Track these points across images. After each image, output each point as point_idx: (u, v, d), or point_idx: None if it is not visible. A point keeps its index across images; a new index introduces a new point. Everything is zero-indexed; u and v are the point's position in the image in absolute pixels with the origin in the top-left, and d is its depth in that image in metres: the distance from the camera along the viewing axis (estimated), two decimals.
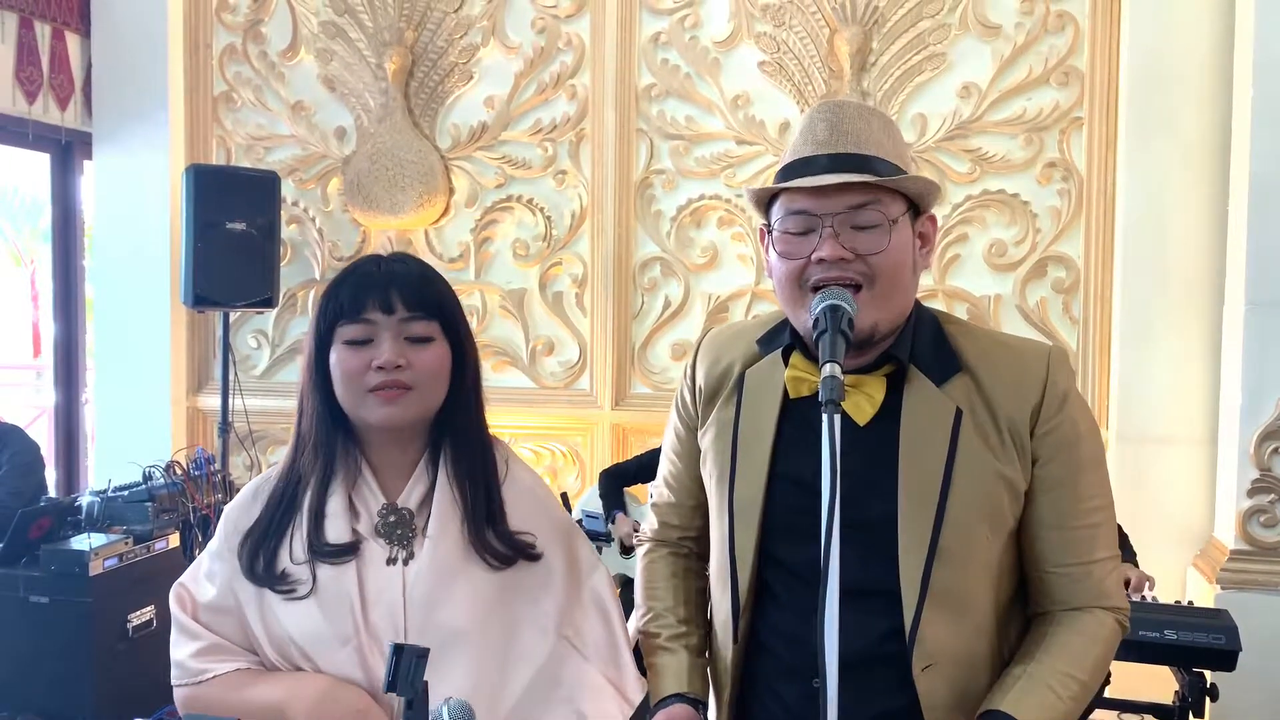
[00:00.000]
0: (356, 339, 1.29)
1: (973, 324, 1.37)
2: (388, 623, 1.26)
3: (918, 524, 1.21)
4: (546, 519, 1.37)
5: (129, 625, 3.15)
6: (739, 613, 1.30)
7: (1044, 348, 1.29)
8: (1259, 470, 3.26)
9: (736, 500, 1.31)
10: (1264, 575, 3.22)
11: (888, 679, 1.21)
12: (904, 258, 1.24)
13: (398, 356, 1.27)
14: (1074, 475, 1.25)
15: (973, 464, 1.22)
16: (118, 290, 4.45)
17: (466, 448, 1.34)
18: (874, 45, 3.83)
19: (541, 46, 4.13)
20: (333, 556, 1.27)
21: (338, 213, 4.37)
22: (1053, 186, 3.75)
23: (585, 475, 4.13)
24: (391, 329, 1.29)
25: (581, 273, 4.15)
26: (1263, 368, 3.25)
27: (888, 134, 1.26)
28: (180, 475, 3.60)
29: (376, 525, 1.30)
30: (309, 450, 1.32)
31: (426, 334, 1.30)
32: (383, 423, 1.29)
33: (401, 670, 0.98)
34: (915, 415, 1.24)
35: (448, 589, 1.27)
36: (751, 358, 1.36)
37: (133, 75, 4.36)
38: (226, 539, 1.34)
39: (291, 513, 1.31)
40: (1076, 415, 1.26)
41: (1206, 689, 2.31)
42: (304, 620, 1.26)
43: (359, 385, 1.28)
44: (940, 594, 1.20)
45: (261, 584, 1.28)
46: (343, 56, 4.31)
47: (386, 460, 1.34)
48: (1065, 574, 1.26)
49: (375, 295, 1.29)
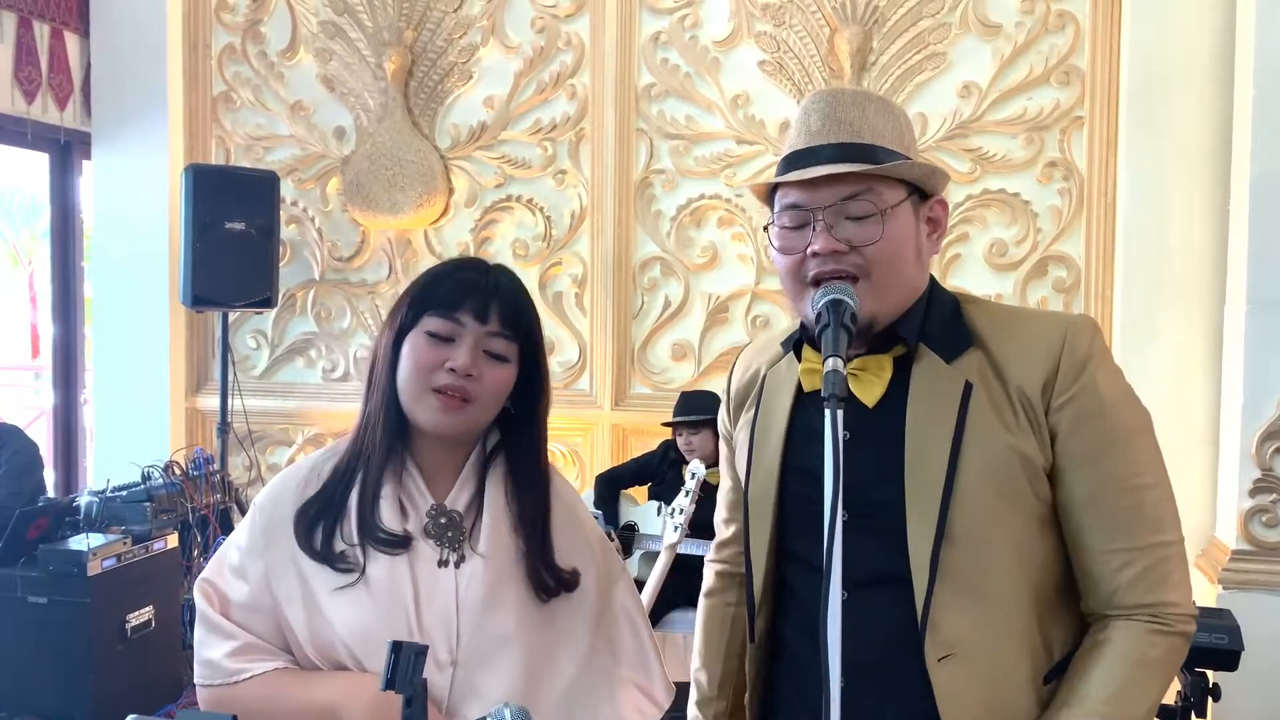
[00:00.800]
0: (440, 334, 1.28)
1: (993, 302, 1.32)
2: (441, 624, 1.24)
3: (925, 503, 1.16)
4: (583, 538, 1.38)
5: (127, 625, 3.14)
6: (755, 612, 1.29)
7: (1065, 317, 1.23)
8: (1260, 470, 3.25)
9: (752, 496, 1.30)
10: (1266, 575, 3.21)
11: (907, 677, 1.15)
12: (901, 247, 1.20)
13: (472, 365, 1.27)
14: (1104, 448, 1.16)
15: (983, 438, 1.16)
16: (117, 290, 4.44)
17: (525, 479, 1.34)
18: (874, 44, 3.83)
19: (541, 46, 4.12)
20: (387, 545, 1.25)
21: (337, 213, 4.36)
22: (1053, 186, 3.75)
23: (585, 476, 4.12)
24: (476, 337, 1.28)
25: (581, 273, 4.14)
26: (1264, 368, 3.24)
27: (885, 118, 1.22)
28: (179, 475, 3.60)
29: (426, 526, 1.29)
30: (376, 430, 1.30)
31: (505, 353, 1.30)
32: (433, 428, 1.29)
33: (400, 668, 0.97)
34: (923, 393, 1.20)
35: (499, 595, 1.27)
36: (775, 359, 1.37)
37: (132, 75, 4.36)
38: (266, 529, 1.29)
39: (346, 497, 1.29)
40: (1100, 383, 1.17)
41: (1209, 689, 2.30)
42: (354, 618, 1.23)
43: (425, 380, 1.27)
44: (953, 576, 1.14)
45: (319, 559, 1.25)
46: (342, 56, 4.31)
47: (433, 461, 1.33)
48: (1106, 561, 1.15)
49: (474, 300, 1.28)
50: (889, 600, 1.17)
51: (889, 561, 1.17)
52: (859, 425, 1.21)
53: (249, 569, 1.29)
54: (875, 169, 1.18)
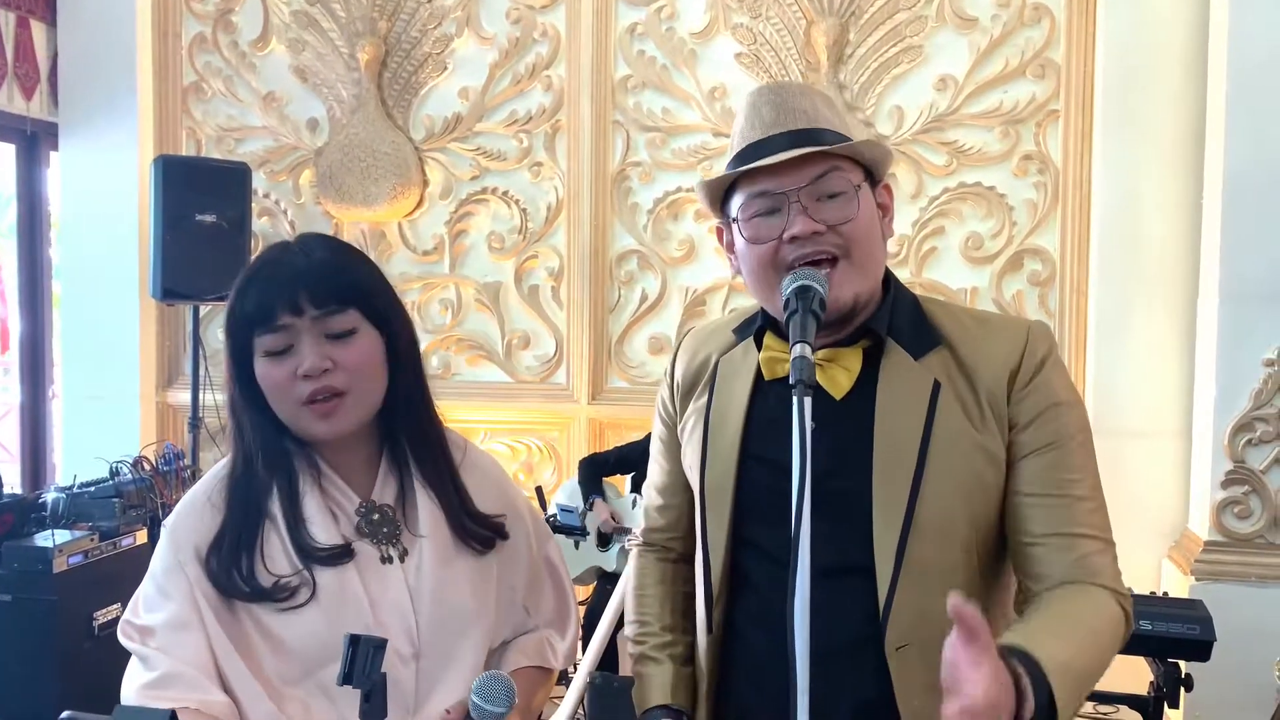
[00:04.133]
0: (275, 349, 1.19)
1: (952, 304, 1.35)
2: (398, 621, 1.22)
3: (893, 497, 1.18)
4: (505, 497, 1.38)
5: (95, 623, 3.10)
6: (712, 601, 1.28)
7: (1024, 321, 1.28)
8: (1233, 462, 3.27)
9: (708, 485, 1.29)
10: (1237, 566, 3.24)
11: (864, 664, 1.18)
12: (873, 225, 1.23)
13: (321, 360, 1.18)
14: (1055, 442, 1.20)
15: (951, 436, 1.19)
16: (85, 284, 4.37)
17: (425, 445, 1.30)
18: (851, 37, 3.82)
19: (516, 37, 4.09)
20: (330, 561, 1.21)
21: (310, 205, 4.31)
22: (1029, 179, 3.75)
23: (562, 470, 4.10)
24: (309, 330, 1.19)
25: (558, 266, 4.11)
26: (1236, 360, 3.27)
27: (830, 109, 1.25)
28: (149, 471, 3.54)
29: (359, 525, 1.25)
30: (260, 463, 1.23)
31: (347, 327, 1.20)
32: (327, 436, 1.23)
33: (358, 662, 0.95)
34: (892, 387, 1.21)
35: (451, 573, 1.26)
36: (727, 346, 1.35)
37: (100, 65, 4.29)
38: (178, 552, 1.22)
39: (260, 520, 1.22)
40: (1055, 381, 1.22)
41: (1181, 679, 2.31)
42: (308, 632, 1.18)
43: (291, 398, 1.20)
44: (916, 570, 1.17)
45: (251, 599, 1.18)
46: (315, 47, 4.26)
47: (345, 458, 1.28)
48: (1047, 544, 1.19)
49: (282, 297, 1.18)
50: (849, 590, 1.18)
51: (852, 552, 1.18)
52: (826, 416, 1.20)
53: (171, 587, 1.21)
54: (841, 148, 1.20)
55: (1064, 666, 1.03)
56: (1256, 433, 3.25)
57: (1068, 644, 1.07)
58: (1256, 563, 3.23)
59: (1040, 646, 1.03)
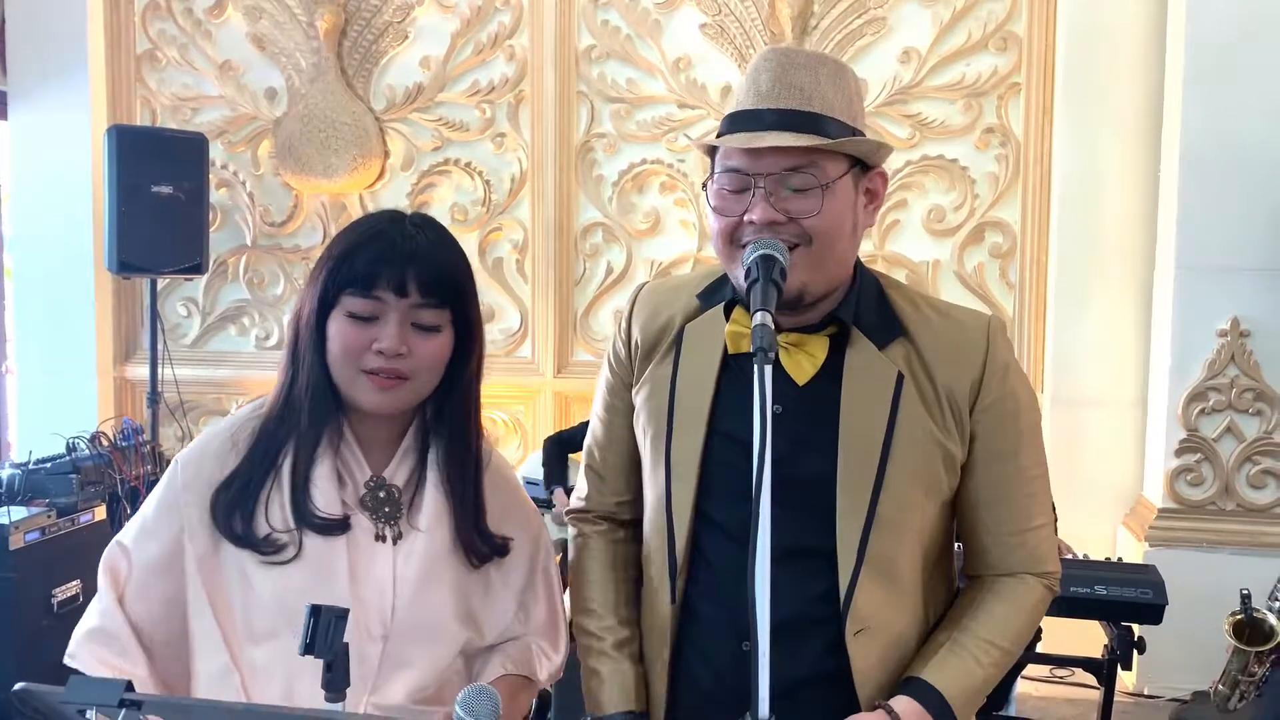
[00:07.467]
0: (360, 314, 1.21)
1: (913, 289, 1.34)
2: (376, 598, 1.22)
3: (857, 487, 1.19)
4: (518, 510, 1.37)
5: (54, 600, 3.06)
6: (676, 572, 1.28)
7: (983, 318, 1.28)
8: (1186, 431, 3.34)
9: (674, 457, 1.28)
10: (1190, 533, 3.32)
11: (819, 642, 1.21)
12: (840, 222, 1.19)
13: (400, 345, 1.21)
14: (1015, 448, 1.25)
15: (913, 429, 1.21)
16: (38, 256, 4.28)
17: (460, 447, 1.30)
18: (815, 9, 3.81)
19: (479, 6, 4.03)
20: (323, 530, 1.21)
21: (269, 176, 4.24)
22: (991, 152, 3.78)
23: (527, 444, 4.10)
24: (400, 312, 1.21)
25: (522, 238, 4.09)
26: (1190, 331, 3.33)
27: (836, 87, 1.20)
28: (106, 446, 3.49)
29: (363, 498, 1.26)
30: (302, 416, 1.24)
31: (436, 323, 1.24)
32: (374, 409, 1.25)
33: (320, 631, 0.94)
34: (857, 376, 1.22)
35: (437, 572, 1.26)
36: (692, 312, 1.32)
37: (50, 31, 4.17)
38: (185, 487, 1.24)
39: (270, 471, 1.23)
40: (1018, 388, 1.26)
41: (1134, 642, 2.36)
42: (287, 588, 1.19)
43: (355, 363, 1.22)
44: (876, 560, 1.20)
45: (241, 545, 1.20)
46: (272, 14, 4.17)
47: (372, 433, 1.28)
48: (1002, 543, 1.27)
49: (390, 273, 1.20)
50: (805, 573, 1.20)
51: (811, 536, 1.20)
52: (790, 401, 1.21)
53: (160, 528, 1.25)
54: (820, 144, 1.16)
55: (965, 690, 1.21)
56: (1209, 402, 3.32)
57: (971, 664, 1.22)
58: (1208, 529, 3.31)
59: (951, 684, 1.20)
